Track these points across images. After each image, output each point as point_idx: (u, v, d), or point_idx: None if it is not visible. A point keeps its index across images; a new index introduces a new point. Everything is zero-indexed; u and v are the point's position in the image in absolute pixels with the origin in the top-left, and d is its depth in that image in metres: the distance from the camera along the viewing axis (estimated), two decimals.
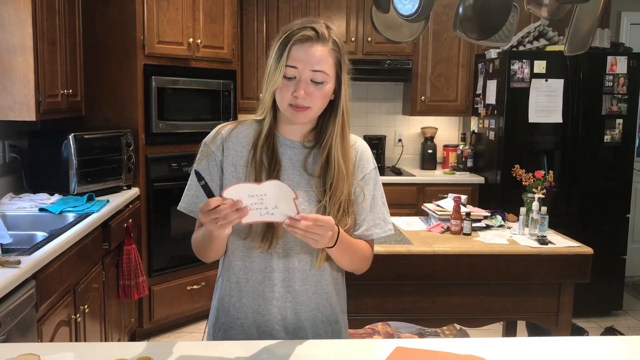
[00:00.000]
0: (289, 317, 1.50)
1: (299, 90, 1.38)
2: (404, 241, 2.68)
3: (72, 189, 3.15)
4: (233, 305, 1.52)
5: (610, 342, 1.58)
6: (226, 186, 1.39)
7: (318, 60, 1.38)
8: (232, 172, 1.48)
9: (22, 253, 2.16)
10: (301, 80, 1.39)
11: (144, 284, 3.36)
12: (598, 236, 3.97)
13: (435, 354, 1.42)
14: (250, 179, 1.45)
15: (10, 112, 2.84)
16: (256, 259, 1.47)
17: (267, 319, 1.49)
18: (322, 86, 1.41)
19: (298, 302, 1.50)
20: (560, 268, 2.62)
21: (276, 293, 1.48)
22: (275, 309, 1.49)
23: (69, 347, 1.41)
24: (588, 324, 4.09)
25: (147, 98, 3.64)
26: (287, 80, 1.40)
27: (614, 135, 4.20)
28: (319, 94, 1.41)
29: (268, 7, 4.55)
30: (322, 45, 1.39)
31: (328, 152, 1.46)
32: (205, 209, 1.27)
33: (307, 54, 1.38)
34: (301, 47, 1.38)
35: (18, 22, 2.77)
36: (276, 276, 1.47)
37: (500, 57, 4.22)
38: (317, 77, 1.39)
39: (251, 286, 1.49)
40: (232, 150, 1.49)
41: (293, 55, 1.38)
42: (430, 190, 4.46)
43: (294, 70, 1.38)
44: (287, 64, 1.38)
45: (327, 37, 1.40)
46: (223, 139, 1.50)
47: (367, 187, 1.54)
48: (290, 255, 1.47)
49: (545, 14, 1.83)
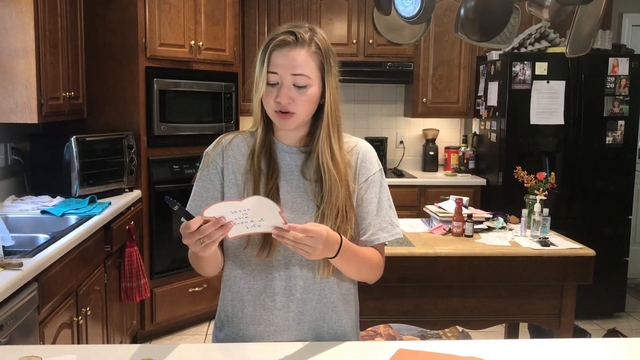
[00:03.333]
0: (292, 327, 1.48)
1: (280, 96, 1.38)
2: (405, 243, 2.68)
3: (74, 191, 3.15)
4: (235, 315, 1.51)
5: (612, 344, 1.57)
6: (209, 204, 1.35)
7: (299, 64, 1.37)
8: (232, 179, 1.48)
9: (24, 255, 2.16)
10: (283, 86, 1.38)
11: (145, 286, 3.36)
12: (600, 238, 3.97)
13: (437, 356, 1.42)
14: (248, 186, 1.45)
15: (12, 115, 2.85)
16: (257, 267, 1.46)
17: (269, 329, 1.48)
18: (306, 90, 1.39)
19: (301, 311, 1.48)
20: (562, 270, 2.62)
21: (277, 302, 1.46)
22: (277, 319, 1.47)
23: (71, 350, 1.41)
24: (590, 326, 4.08)
25: (149, 100, 3.64)
26: (271, 87, 1.39)
27: (616, 137, 4.20)
28: (304, 99, 1.39)
29: (269, 10, 4.55)
30: (301, 49, 1.38)
31: (317, 157, 1.44)
32: (186, 232, 1.25)
33: (286, 58, 1.37)
34: (280, 52, 1.37)
35: (20, 25, 2.78)
36: (277, 284, 1.46)
37: (502, 59, 4.22)
38: (299, 81, 1.38)
39: (252, 295, 1.47)
40: (232, 158, 1.49)
41: (273, 60, 1.38)
42: (432, 192, 4.46)
43: (276, 76, 1.38)
44: (269, 70, 1.38)
45: (307, 40, 1.39)
46: (223, 148, 1.50)
47: (372, 190, 1.50)
48: (291, 263, 1.45)
49: (546, 16, 1.83)
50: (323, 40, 1.42)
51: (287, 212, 1.43)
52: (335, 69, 1.44)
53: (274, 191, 1.43)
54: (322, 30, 1.46)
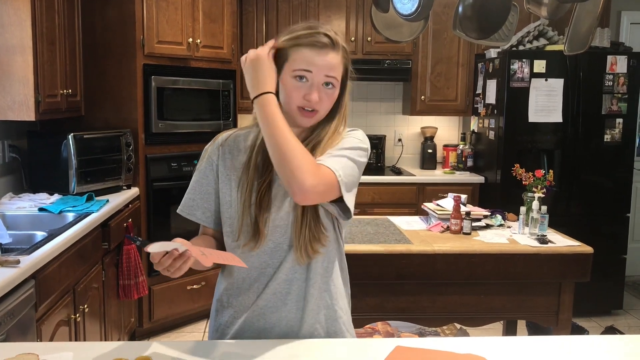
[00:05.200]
0: (283, 313, 1.49)
1: (312, 94, 1.40)
2: (403, 240, 2.68)
3: (71, 188, 3.15)
4: (231, 304, 1.53)
5: (610, 341, 1.57)
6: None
7: (333, 67, 1.41)
8: (226, 175, 1.50)
9: (21, 253, 2.15)
10: (314, 84, 1.40)
11: (143, 283, 3.36)
12: (598, 235, 3.97)
13: (435, 353, 1.42)
14: (243, 181, 1.46)
15: (10, 112, 2.84)
16: (251, 257, 1.48)
17: (264, 312, 1.49)
18: (332, 91, 1.43)
19: (291, 292, 1.49)
20: (560, 267, 2.62)
21: (269, 288, 1.48)
22: (270, 304, 1.48)
23: (68, 347, 1.41)
24: (588, 323, 4.09)
25: (147, 98, 3.64)
26: (299, 82, 1.41)
27: (614, 135, 4.20)
28: (328, 99, 1.44)
29: (268, 7, 4.55)
30: (335, 53, 1.42)
31: (313, 149, 1.44)
32: (154, 262, 1.31)
33: (323, 60, 1.40)
34: (318, 52, 1.40)
35: (17, 22, 2.77)
36: (269, 272, 1.48)
37: (500, 57, 4.21)
38: (329, 82, 1.42)
39: (247, 284, 1.50)
40: (229, 154, 1.51)
41: (308, 59, 1.39)
42: (430, 189, 4.46)
43: (309, 74, 1.40)
44: (303, 67, 1.39)
45: (339, 44, 1.43)
46: (220, 144, 1.53)
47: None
48: (283, 249, 1.47)
49: (545, 14, 1.83)
50: (346, 44, 1.48)
51: (281, 203, 1.45)
52: (351, 71, 1.49)
53: (266, 187, 1.45)
54: None
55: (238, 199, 1.46)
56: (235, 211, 1.47)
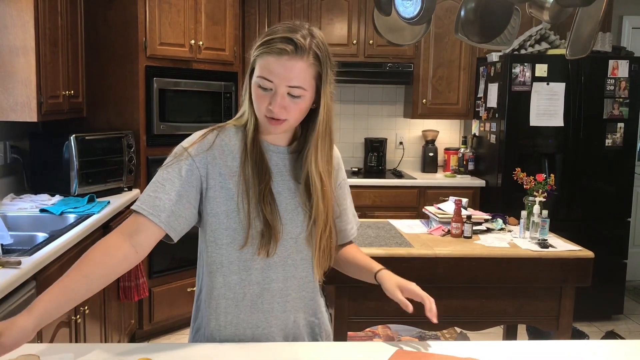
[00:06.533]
0: (289, 326, 1.49)
1: (274, 105, 1.33)
2: (404, 244, 2.68)
3: (73, 190, 3.15)
4: (230, 322, 1.46)
5: (610, 346, 1.57)
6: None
7: (295, 76, 1.32)
8: (220, 182, 1.41)
9: (22, 254, 2.16)
10: (277, 94, 1.33)
11: (144, 285, 3.35)
12: (599, 240, 3.97)
13: (435, 357, 1.42)
14: (241, 192, 1.40)
15: (12, 113, 2.84)
16: (254, 271, 1.43)
17: (267, 331, 1.46)
18: (299, 100, 1.35)
19: (296, 309, 1.49)
20: (561, 272, 2.62)
21: (275, 304, 1.46)
22: (275, 320, 1.46)
23: (69, 348, 1.41)
24: (589, 328, 4.08)
25: (149, 99, 3.64)
26: (263, 91, 1.34)
27: (615, 139, 4.20)
28: (296, 107, 1.35)
29: (270, 10, 4.55)
30: (300, 60, 1.31)
31: (307, 165, 1.42)
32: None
33: (283, 68, 1.31)
34: (278, 60, 1.31)
35: (20, 23, 2.78)
36: (274, 287, 1.45)
37: (502, 61, 4.22)
38: (294, 92, 1.33)
39: (248, 300, 1.44)
40: (220, 160, 1.42)
41: (269, 67, 1.31)
42: (431, 193, 4.46)
43: (270, 83, 1.33)
44: (264, 76, 1.32)
45: (306, 49, 1.32)
46: (206, 148, 1.43)
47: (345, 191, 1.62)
48: (288, 264, 1.45)
49: (546, 18, 1.83)
50: (322, 47, 1.36)
51: (282, 211, 1.43)
52: (331, 76, 1.39)
53: (267, 193, 1.40)
54: (322, 32, 1.41)
55: (242, 207, 1.39)
56: (240, 220, 1.39)
